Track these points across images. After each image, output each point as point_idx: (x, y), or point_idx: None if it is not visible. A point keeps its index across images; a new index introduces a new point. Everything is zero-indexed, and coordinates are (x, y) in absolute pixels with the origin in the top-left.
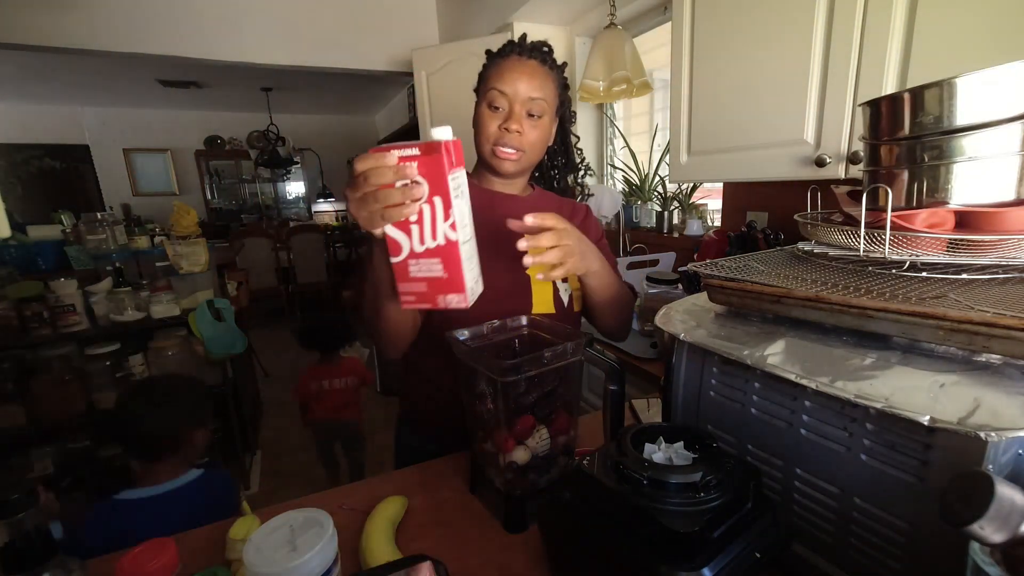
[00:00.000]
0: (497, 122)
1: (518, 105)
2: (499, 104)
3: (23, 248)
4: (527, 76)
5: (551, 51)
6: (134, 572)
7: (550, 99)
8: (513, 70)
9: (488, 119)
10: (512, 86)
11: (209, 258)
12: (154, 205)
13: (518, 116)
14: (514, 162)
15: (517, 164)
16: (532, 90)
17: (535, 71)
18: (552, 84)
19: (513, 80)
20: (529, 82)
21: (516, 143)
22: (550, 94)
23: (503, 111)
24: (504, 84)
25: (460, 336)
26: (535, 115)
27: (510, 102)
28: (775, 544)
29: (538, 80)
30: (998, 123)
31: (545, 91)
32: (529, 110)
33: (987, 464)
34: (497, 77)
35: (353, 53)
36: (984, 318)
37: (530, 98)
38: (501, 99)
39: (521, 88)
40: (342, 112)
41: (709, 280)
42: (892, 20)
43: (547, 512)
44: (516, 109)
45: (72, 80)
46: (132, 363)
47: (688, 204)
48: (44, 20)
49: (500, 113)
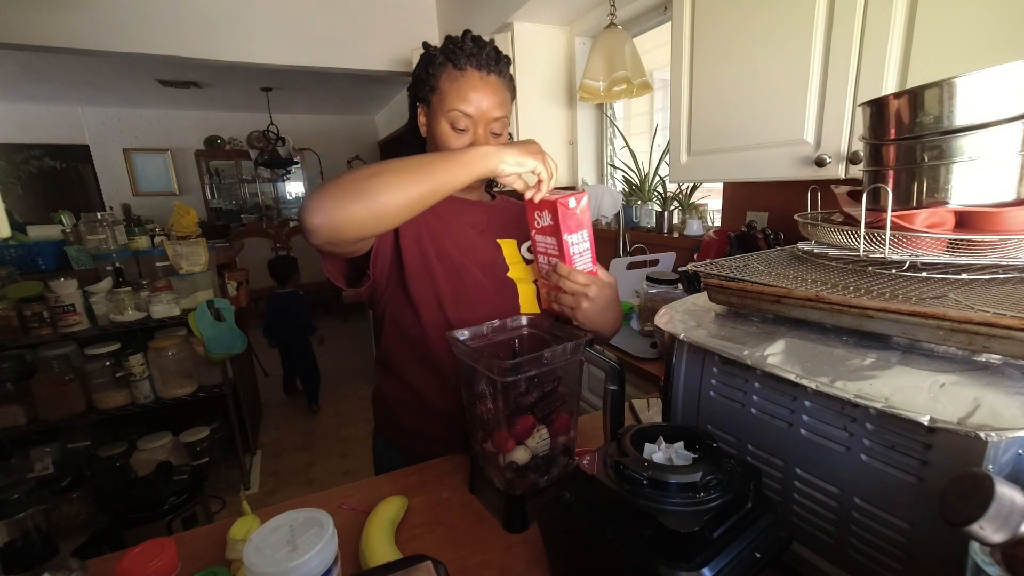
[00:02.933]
0: (463, 143)
1: (482, 128)
2: (463, 126)
3: (23, 248)
4: (490, 95)
5: (505, 58)
6: (134, 572)
7: (508, 112)
8: (477, 90)
9: (452, 141)
10: (477, 107)
11: (209, 258)
12: (154, 205)
13: (483, 136)
14: None
15: (483, 182)
16: (496, 109)
17: (497, 88)
18: (509, 96)
19: (478, 101)
20: (493, 101)
21: None
22: (508, 107)
23: (468, 133)
24: (468, 105)
25: (460, 336)
26: (498, 133)
27: (475, 124)
28: (775, 544)
29: (500, 97)
30: (998, 123)
31: (506, 107)
32: (493, 130)
33: (987, 464)
34: (459, 97)
35: (353, 53)
36: (984, 318)
37: (495, 118)
38: (465, 121)
39: (486, 108)
40: (342, 112)
41: (709, 280)
42: (892, 20)
43: (547, 512)
44: (481, 132)
45: (72, 80)
46: (132, 363)
47: (688, 204)
48: (44, 20)
49: (465, 135)
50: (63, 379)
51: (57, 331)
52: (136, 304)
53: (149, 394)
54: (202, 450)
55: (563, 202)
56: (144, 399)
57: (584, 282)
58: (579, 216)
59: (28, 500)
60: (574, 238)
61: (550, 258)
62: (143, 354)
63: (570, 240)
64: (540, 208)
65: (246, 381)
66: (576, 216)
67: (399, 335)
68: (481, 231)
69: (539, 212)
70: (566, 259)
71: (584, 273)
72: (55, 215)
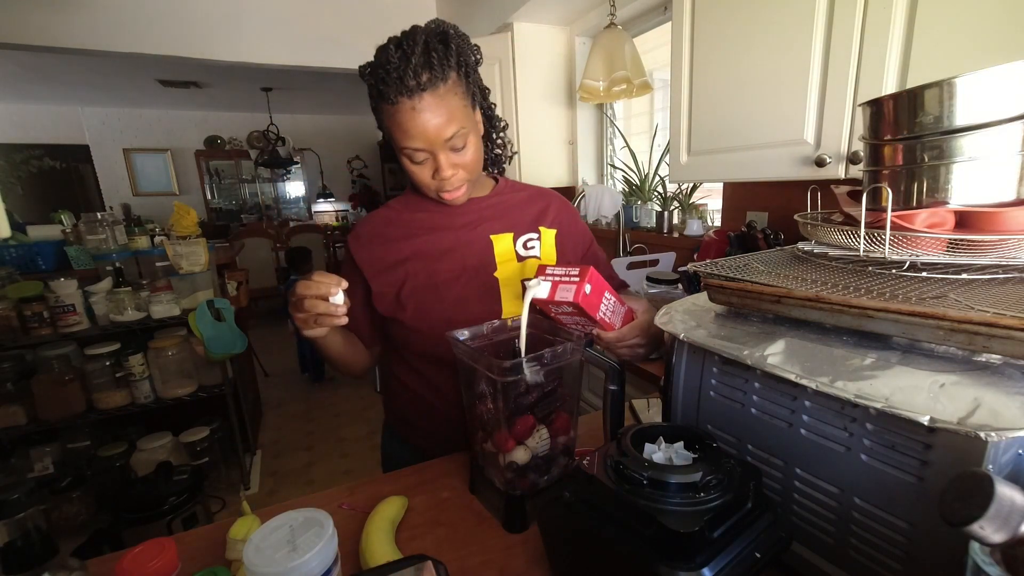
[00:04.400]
0: (427, 173)
1: (441, 152)
2: (420, 159)
3: (23, 248)
4: (431, 117)
5: (435, 53)
6: (134, 572)
7: (464, 115)
8: (413, 121)
9: (417, 173)
10: (422, 138)
11: (209, 258)
12: (154, 205)
13: (444, 164)
14: (464, 192)
15: (468, 191)
16: (445, 128)
17: (434, 105)
18: (458, 96)
19: (421, 131)
20: (437, 123)
21: (457, 181)
22: (460, 111)
23: (428, 160)
24: (413, 140)
25: (460, 336)
26: (459, 147)
27: (430, 152)
28: (775, 544)
29: (443, 111)
30: (998, 123)
31: (456, 118)
32: (453, 147)
33: (987, 464)
34: (403, 134)
35: (353, 53)
36: (984, 318)
37: (446, 139)
38: (419, 153)
39: (432, 134)
40: (342, 112)
41: (709, 280)
42: (892, 20)
43: (547, 512)
44: (440, 158)
45: (72, 80)
46: (132, 363)
47: (688, 204)
48: (44, 20)
49: (426, 164)
50: (63, 379)
51: (57, 331)
52: (136, 304)
53: (149, 394)
54: (202, 450)
55: (583, 300)
56: (144, 399)
57: (633, 337)
58: (597, 289)
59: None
60: (602, 309)
61: (585, 327)
62: (143, 354)
63: (601, 314)
64: (556, 304)
65: (246, 381)
66: (592, 294)
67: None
68: (474, 228)
69: (556, 306)
70: (604, 325)
71: (628, 327)
72: (55, 215)
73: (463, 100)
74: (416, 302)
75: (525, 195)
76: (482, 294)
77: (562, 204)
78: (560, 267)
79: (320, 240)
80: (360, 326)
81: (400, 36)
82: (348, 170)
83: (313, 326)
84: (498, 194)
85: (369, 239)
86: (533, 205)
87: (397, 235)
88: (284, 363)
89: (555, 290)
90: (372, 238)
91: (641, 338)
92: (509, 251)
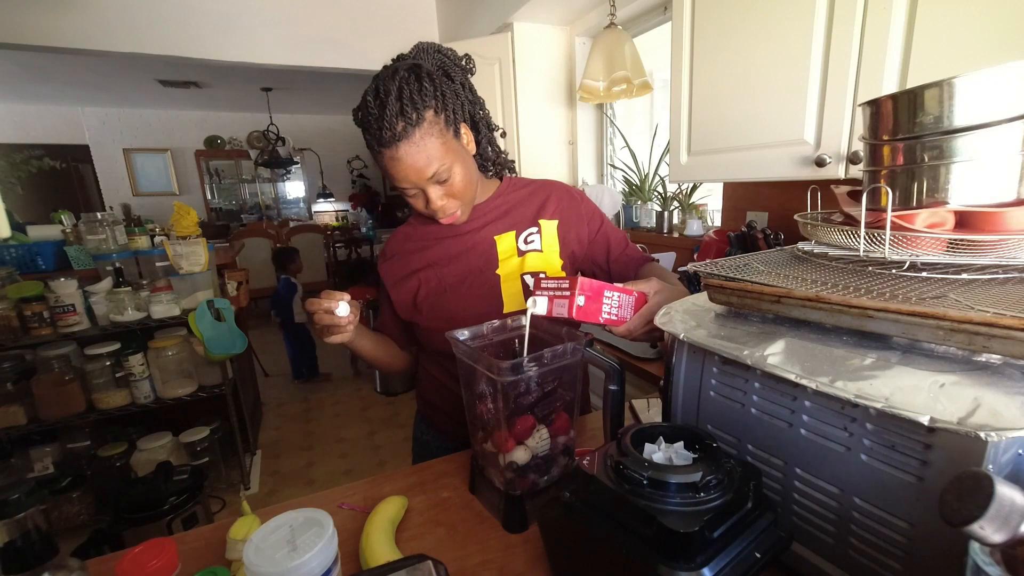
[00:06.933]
0: (422, 204)
1: (428, 189)
2: (411, 194)
3: (23, 248)
4: (409, 164)
5: (408, 99)
6: (134, 572)
7: (444, 151)
8: (395, 168)
9: (414, 204)
10: (406, 180)
11: (209, 258)
12: (154, 205)
13: (434, 197)
14: (460, 215)
15: (465, 212)
16: (424, 170)
17: (412, 152)
18: (434, 135)
19: (404, 175)
20: (416, 167)
21: (450, 208)
22: (438, 149)
23: (419, 195)
24: (402, 181)
25: (460, 336)
26: (444, 180)
27: (418, 190)
28: (775, 544)
29: (421, 156)
30: (998, 123)
31: (434, 154)
32: (436, 180)
33: (987, 464)
34: (392, 175)
35: (353, 53)
36: (984, 318)
37: (428, 178)
38: (410, 190)
39: (414, 177)
40: (342, 112)
41: (709, 280)
42: (892, 20)
43: (547, 512)
44: (429, 192)
45: (72, 80)
46: (132, 363)
47: (688, 204)
48: (44, 20)
49: (419, 197)
50: (63, 379)
51: (57, 331)
52: (136, 304)
53: (149, 394)
54: (202, 450)
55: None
56: (144, 399)
57: (644, 326)
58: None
59: (28, 500)
60: (604, 311)
61: None
62: (143, 354)
63: (605, 316)
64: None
65: (246, 381)
66: (587, 303)
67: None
68: (479, 231)
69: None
70: (612, 324)
71: (638, 317)
72: (55, 215)
73: (441, 137)
74: (428, 306)
75: (527, 191)
76: (486, 293)
77: (563, 192)
78: (553, 279)
79: (320, 240)
80: (393, 331)
81: (377, 83)
82: (348, 170)
83: (327, 335)
84: (501, 195)
85: (391, 256)
86: (534, 199)
87: (413, 248)
88: (284, 363)
89: (551, 305)
90: (393, 255)
91: (653, 324)
92: (511, 248)
